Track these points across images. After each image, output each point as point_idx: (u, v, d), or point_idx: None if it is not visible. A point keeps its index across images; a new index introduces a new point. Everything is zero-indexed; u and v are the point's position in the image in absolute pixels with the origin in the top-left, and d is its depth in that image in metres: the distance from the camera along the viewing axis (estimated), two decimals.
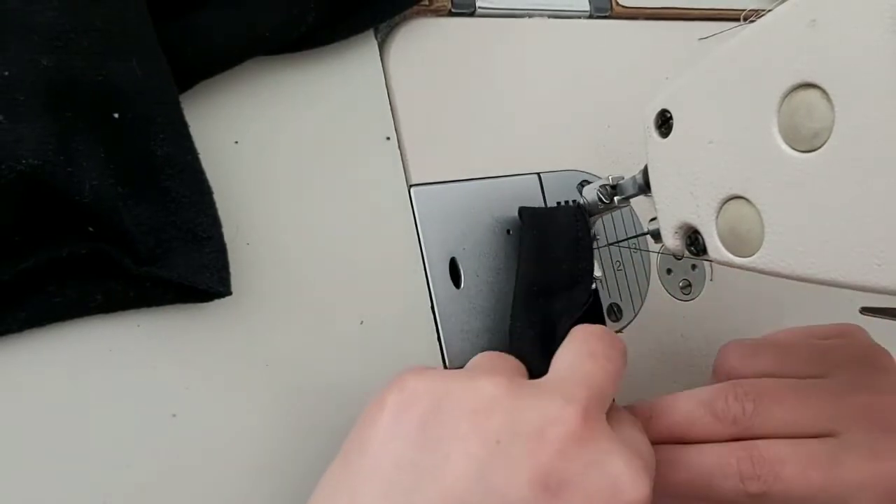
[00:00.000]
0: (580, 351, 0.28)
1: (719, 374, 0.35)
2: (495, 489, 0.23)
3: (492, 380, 0.26)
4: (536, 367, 0.30)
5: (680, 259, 0.42)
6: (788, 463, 0.29)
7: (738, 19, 0.43)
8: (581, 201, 0.35)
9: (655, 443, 0.30)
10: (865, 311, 0.31)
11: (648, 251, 0.40)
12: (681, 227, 0.28)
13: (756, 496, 0.29)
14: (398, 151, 0.35)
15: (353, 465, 0.25)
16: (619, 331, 0.39)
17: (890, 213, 0.20)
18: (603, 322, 0.38)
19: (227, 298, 0.29)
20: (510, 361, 0.30)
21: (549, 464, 0.23)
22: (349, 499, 0.24)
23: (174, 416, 0.28)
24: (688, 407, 0.31)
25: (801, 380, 0.32)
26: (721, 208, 0.25)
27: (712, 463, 0.30)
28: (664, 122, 0.27)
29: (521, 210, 0.36)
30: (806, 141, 0.22)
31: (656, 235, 0.30)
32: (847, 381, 0.31)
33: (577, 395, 0.25)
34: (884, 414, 0.30)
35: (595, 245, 0.38)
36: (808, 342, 0.36)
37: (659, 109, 0.27)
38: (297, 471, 0.30)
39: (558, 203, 0.38)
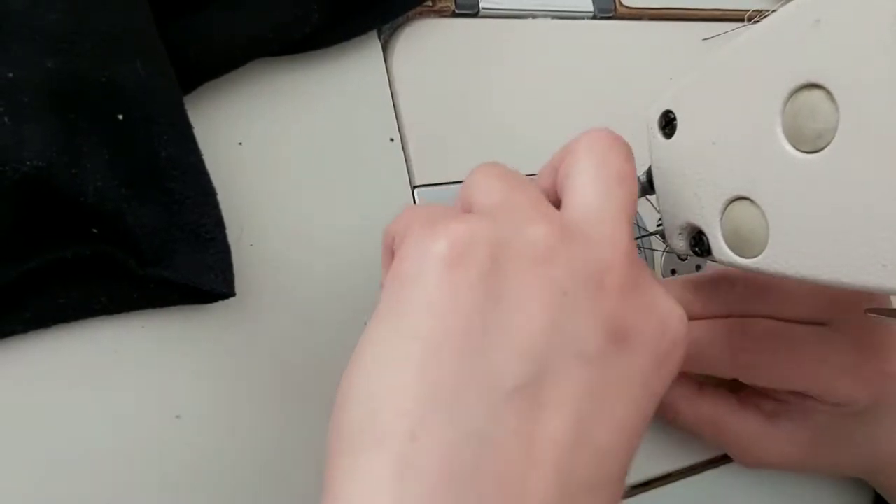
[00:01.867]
0: (606, 176, 0.25)
1: None
2: (573, 340, 0.22)
3: (542, 227, 0.23)
4: None
5: (684, 260, 0.41)
6: (777, 338, 0.31)
7: (741, 20, 0.43)
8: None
9: None
10: (871, 311, 0.31)
11: (653, 249, 0.40)
12: (685, 228, 0.28)
13: (744, 366, 0.31)
14: (402, 153, 0.35)
15: (413, 326, 0.22)
16: None
17: (895, 213, 0.20)
18: None
19: (231, 300, 0.29)
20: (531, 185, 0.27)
21: (613, 312, 0.23)
22: (417, 367, 0.21)
23: (178, 417, 0.28)
24: (679, 290, 0.32)
25: None
26: (725, 209, 0.25)
27: (703, 331, 0.31)
28: (668, 123, 0.27)
29: None
30: (810, 142, 0.22)
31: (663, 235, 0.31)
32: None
33: (620, 236, 0.24)
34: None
35: None
36: None
37: (663, 110, 0.27)
38: (302, 472, 0.30)
39: None
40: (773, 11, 0.23)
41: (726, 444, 0.35)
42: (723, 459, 0.39)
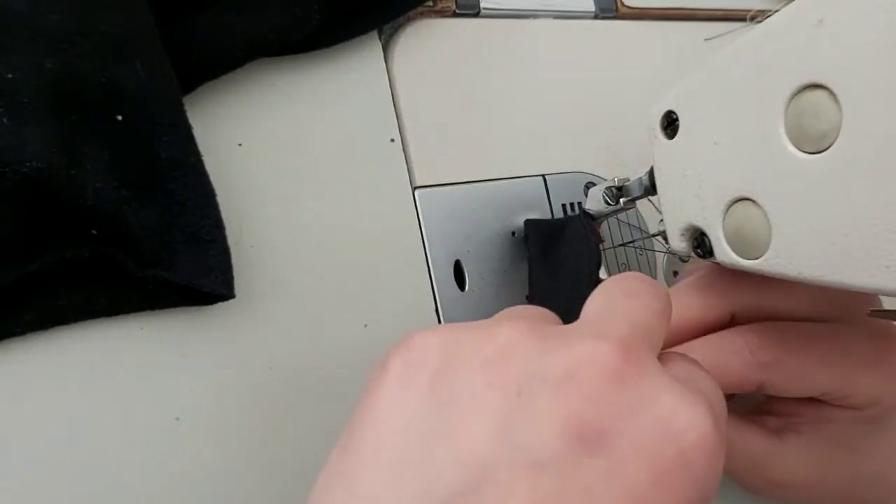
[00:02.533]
0: (614, 290, 0.24)
1: None
2: (522, 447, 0.19)
3: (509, 324, 0.22)
4: None
5: (686, 261, 0.41)
6: (793, 336, 0.29)
7: (744, 20, 0.43)
8: (585, 205, 0.35)
9: None
10: (874, 313, 0.31)
11: (654, 251, 0.40)
12: (687, 229, 0.28)
13: (767, 365, 0.28)
14: (402, 153, 0.35)
15: (354, 444, 0.21)
16: None
17: None
18: None
19: (231, 301, 0.29)
20: (538, 309, 0.25)
21: (582, 410, 0.19)
22: (347, 482, 0.20)
23: (177, 419, 0.28)
24: (683, 295, 0.31)
25: None
26: (727, 210, 0.25)
27: (719, 342, 0.29)
28: (670, 124, 0.27)
29: (527, 223, 0.36)
30: (813, 142, 0.21)
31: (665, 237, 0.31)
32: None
33: (614, 331, 0.21)
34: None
35: (601, 248, 0.37)
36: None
37: (665, 111, 0.27)
38: (301, 474, 0.30)
39: (563, 206, 0.38)
40: (776, 11, 0.23)
41: (729, 466, 0.32)
42: None
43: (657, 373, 0.21)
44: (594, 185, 0.37)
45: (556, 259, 0.35)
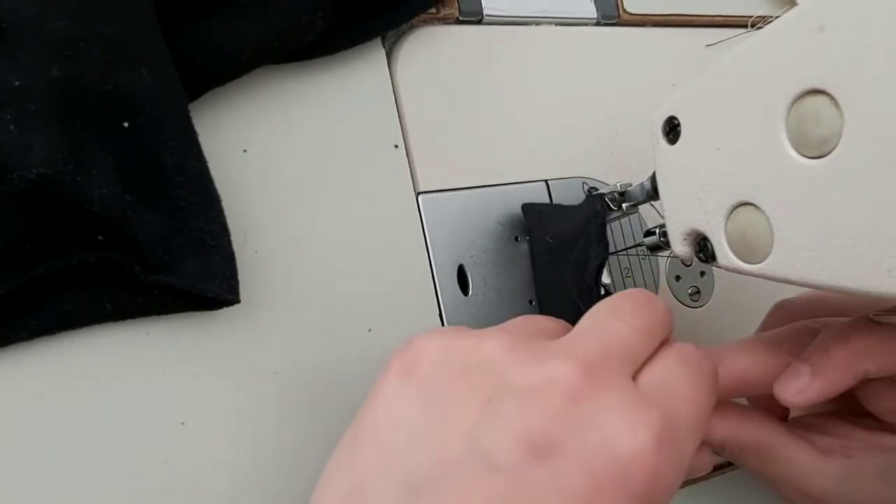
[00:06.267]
0: (602, 308, 0.26)
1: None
2: (484, 451, 0.21)
3: (497, 337, 0.24)
4: None
5: (689, 266, 0.41)
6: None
7: (745, 26, 0.43)
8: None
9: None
10: (877, 315, 0.31)
11: (659, 255, 0.40)
12: (689, 234, 0.28)
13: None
14: (406, 159, 0.35)
15: (360, 431, 0.24)
16: None
17: None
18: None
19: (236, 306, 0.29)
20: (538, 322, 0.27)
21: (539, 424, 0.21)
22: (350, 461, 0.23)
23: (183, 423, 0.28)
24: (751, 353, 0.30)
25: None
26: (730, 215, 0.25)
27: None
28: (672, 129, 0.27)
29: (525, 207, 0.36)
30: (814, 147, 0.22)
31: (653, 247, 0.31)
32: None
33: (583, 351, 0.23)
34: None
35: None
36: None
37: (666, 116, 0.27)
38: (306, 478, 0.30)
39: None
40: (777, 17, 0.23)
41: (772, 474, 0.31)
42: (729, 465, 0.39)
43: (615, 394, 0.22)
44: (597, 189, 0.37)
45: (560, 251, 0.34)
